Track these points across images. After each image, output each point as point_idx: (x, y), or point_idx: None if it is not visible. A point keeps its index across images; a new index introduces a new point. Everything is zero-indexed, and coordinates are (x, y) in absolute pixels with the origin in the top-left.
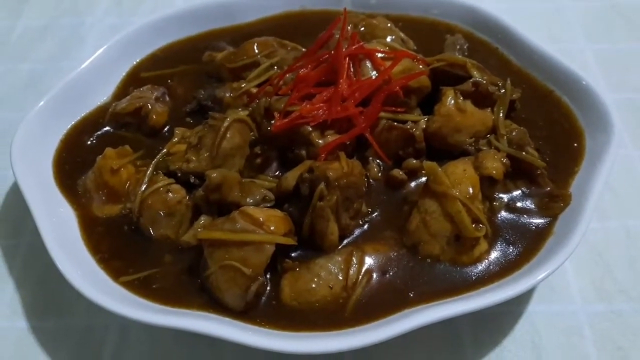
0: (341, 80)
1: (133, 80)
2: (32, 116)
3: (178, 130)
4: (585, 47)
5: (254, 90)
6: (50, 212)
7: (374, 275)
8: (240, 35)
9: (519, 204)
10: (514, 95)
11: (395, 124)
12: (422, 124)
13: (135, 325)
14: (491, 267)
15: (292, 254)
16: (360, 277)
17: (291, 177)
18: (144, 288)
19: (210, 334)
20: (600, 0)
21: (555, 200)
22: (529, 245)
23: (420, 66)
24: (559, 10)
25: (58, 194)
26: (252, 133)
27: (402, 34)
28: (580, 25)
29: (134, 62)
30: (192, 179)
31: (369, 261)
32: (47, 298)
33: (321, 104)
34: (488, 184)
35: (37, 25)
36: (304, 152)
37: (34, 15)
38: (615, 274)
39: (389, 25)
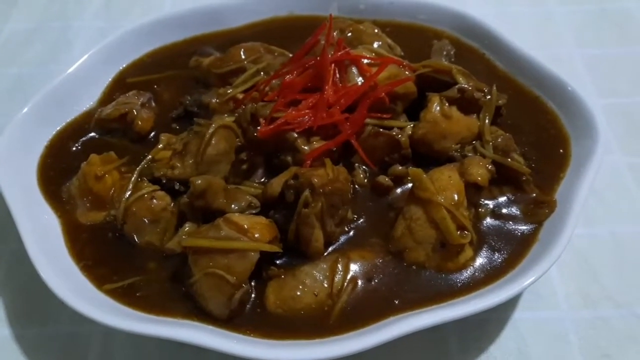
0: (327, 87)
1: (119, 85)
2: (16, 122)
3: (163, 137)
4: (574, 52)
5: (240, 96)
6: (33, 219)
7: (360, 282)
8: (227, 40)
9: (504, 211)
10: (499, 102)
11: (381, 130)
12: (408, 130)
13: (119, 333)
14: (476, 273)
15: (277, 261)
16: (345, 284)
17: (276, 184)
18: (128, 296)
19: (194, 343)
20: (589, 5)
21: (540, 207)
22: (514, 251)
23: (407, 72)
24: (548, 16)
25: (42, 200)
26: (237, 139)
27: (389, 40)
28: (569, 30)
29: (120, 68)
30: (176, 186)
31: (354, 268)
32: (31, 305)
33: (307, 110)
34: (473, 191)
35: (24, 28)
36: (289, 158)
37: (22, 19)
38: (601, 280)
39: (375, 31)
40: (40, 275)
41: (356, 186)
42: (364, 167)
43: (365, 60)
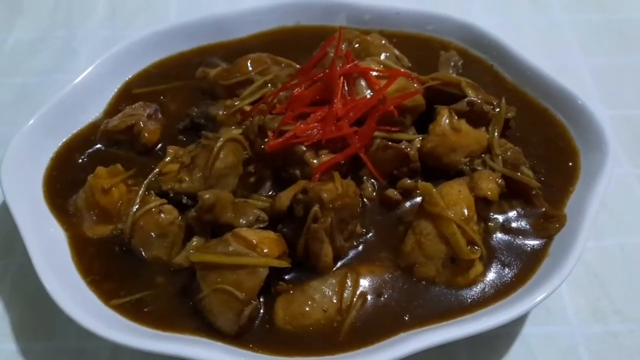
0: (336, 100)
1: (125, 96)
2: (23, 134)
3: (171, 149)
4: (580, 62)
5: (248, 108)
6: (40, 232)
7: (369, 298)
8: (233, 50)
9: (514, 225)
10: (508, 114)
11: (390, 143)
12: (417, 143)
13: (127, 349)
14: (487, 289)
15: (286, 276)
16: (354, 299)
17: (285, 198)
18: (135, 311)
19: None
20: (596, 14)
21: (550, 221)
22: (524, 267)
23: (415, 85)
24: (554, 25)
25: (48, 213)
26: (245, 152)
27: (396, 51)
28: (575, 40)
29: (126, 78)
30: (184, 200)
31: (363, 283)
32: (37, 320)
33: (315, 124)
34: (483, 205)
35: (29, 37)
36: (298, 172)
37: (27, 28)
38: (611, 294)
39: (383, 42)
40: (46, 289)
41: (365, 200)
42: (372, 180)
43: (374, 73)
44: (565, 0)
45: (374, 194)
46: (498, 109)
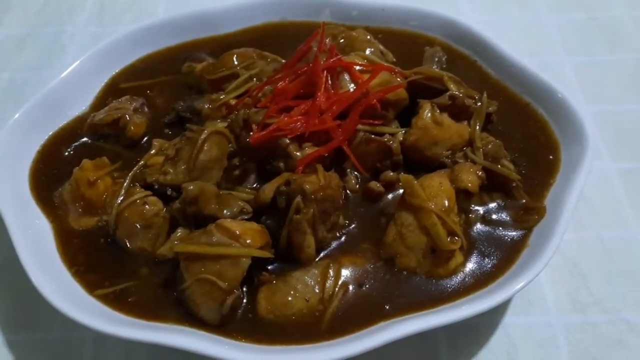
0: (319, 93)
1: (112, 91)
2: (8, 127)
3: (156, 142)
4: (564, 59)
5: (233, 102)
6: (25, 224)
7: (351, 288)
8: (220, 46)
9: (494, 217)
10: (490, 108)
11: (373, 136)
12: (400, 136)
13: (111, 338)
14: (467, 279)
15: (269, 267)
16: (336, 289)
17: (268, 190)
18: (119, 301)
19: (185, 349)
20: (580, 13)
21: (530, 213)
22: (504, 257)
23: (398, 79)
24: (539, 23)
25: (34, 205)
26: (230, 145)
27: (381, 46)
28: (559, 38)
29: (113, 73)
30: (169, 192)
31: (345, 274)
32: (22, 311)
33: (299, 117)
34: (464, 197)
35: (17, 33)
36: (282, 165)
37: (15, 24)
38: (590, 285)
39: (368, 37)
40: (31, 280)
41: (348, 192)
42: (355, 173)
43: (357, 67)
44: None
45: (357, 186)
46: (480, 103)
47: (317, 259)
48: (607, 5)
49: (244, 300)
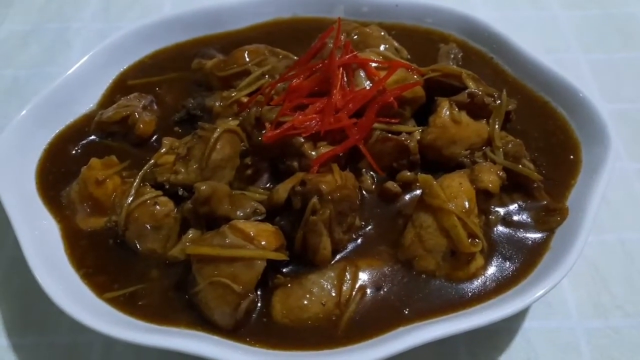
0: (335, 91)
1: (120, 88)
2: (14, 125)
3: (166, 141)
4: (579, 57)
5: (245, 99)
6: (32, 225)
7: (368, 291)
8: (230, 42)
9: (515, 218)
10: (509, 107)
11: (389, 135)
12: (417, 135)
13: (120, 343)
14: (487, 283)
15: (284, 269)
16: (353, 293)
17: (282, 190)
18: (129, 305)
19: (198, 354)
20: (595, 10)
21: (552, 214)
22: (525, 260)
23: (415, 76)
24: (554, 20)
25: (41, 205)
26: (242, 143)
27: (395, 43)
28: (574, 35)
29: (121, 70)
30: (180, 191)
31: (362, 277)
32: (29, 314)
33: (314, 115)
34: (484, 198)
35: (21, 29)
36: (295, 164)
37: (19, 20)
38: (612, 288)
39: (382, 33)
40: (38, 282)
41: (364, 192)
42: (371, 172)
43: (373, 64)
44: None
45: (373, 186)
46: (499, 101)
47: (333, 262)
48: (622, 2)
49: (259, 304)
